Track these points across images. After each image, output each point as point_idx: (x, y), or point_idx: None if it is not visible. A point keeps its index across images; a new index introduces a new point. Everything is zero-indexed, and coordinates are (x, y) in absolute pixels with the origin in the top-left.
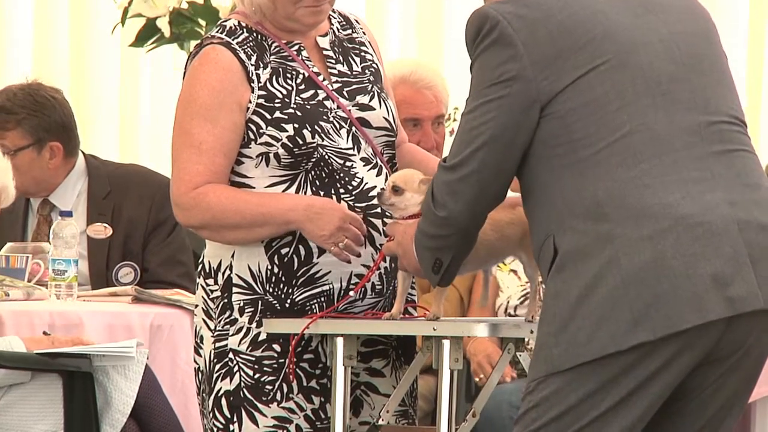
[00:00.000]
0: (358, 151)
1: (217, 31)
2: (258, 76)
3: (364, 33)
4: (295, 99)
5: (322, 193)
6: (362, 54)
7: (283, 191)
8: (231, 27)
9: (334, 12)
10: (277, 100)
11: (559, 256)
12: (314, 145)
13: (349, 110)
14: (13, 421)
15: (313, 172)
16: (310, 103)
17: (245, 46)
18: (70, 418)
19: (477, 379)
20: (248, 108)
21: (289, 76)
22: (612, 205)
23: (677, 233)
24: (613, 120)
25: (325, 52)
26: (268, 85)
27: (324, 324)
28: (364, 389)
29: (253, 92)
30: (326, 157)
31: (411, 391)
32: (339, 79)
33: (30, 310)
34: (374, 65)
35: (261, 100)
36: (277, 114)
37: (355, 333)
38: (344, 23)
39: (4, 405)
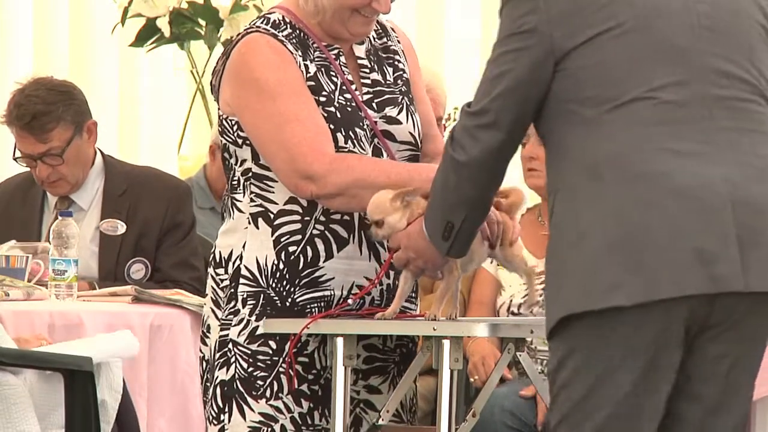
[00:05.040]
0: None
1: (261, 23)
2: (306, 66)
3: (398, 41)
4: (338, 99)
5: None
6: (395, 63)
7: None
8: (275, 20)
9: None
10: (323, 93)
11: (555, 213)
12: (345, 150)
13: (375, 122)
14: (14, 421)
15: None
16: (350, 106)
17: (290, 40)
18: (71, 418)
19: (472, 380)
20: None
21: (332, 73)
22: (608, 167)
23: (667, 204)
24: (622, 84)
25: (360, 61)
26: (317, 75)
27: (324, 324)
28: (363, 407)
29: (304, 78)
30: None
31: (407, 397)
32: (371, 90)
33: (30, 310)
34: (405, 75)
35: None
36: (319, 109)
37: (355, 333)
38: (380, 31)
39: (5, 404)
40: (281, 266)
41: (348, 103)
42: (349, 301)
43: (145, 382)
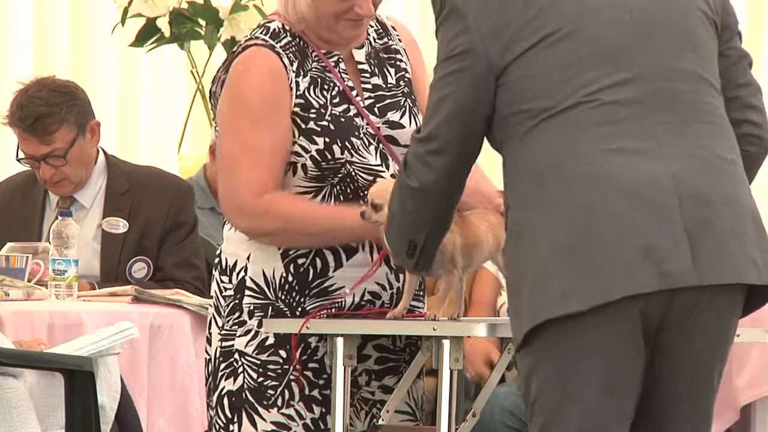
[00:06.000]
0: (387, 168)
1: (261, 32)
2: (297, 84)
3: (399, 39)
4: (331, 111)
5: None
6: (397, 64)
7: None
8: (275, 29)
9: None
10: (312, 110)
11: (509, 225)
12: (342, 161)
13: (378, 128)
14: (15, 424)
15: (338, 187)
16: (344, 116)
17: (288, 51)
18: (71, 418)
19: (468, 375)
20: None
21: (326, 87)
22: (551, 173)
23: (612, 203)
24: (559, 92)
25: (360, 66)
26: (306, 93)
27: (324, 324)
28: (380, 407)
29: (292, 99)
30: (353, 173)
31: (418, 394)
32: (372, 94)
33: (30, 310)
34: (407, 75)
35: (297, 108)
36: (311, 125)
37: (354, 333)
38: (380, 31)
39: (5, 408)
40: (290, 278)
41: (342, 114)
42: (347, 290)
43: (145, 382)
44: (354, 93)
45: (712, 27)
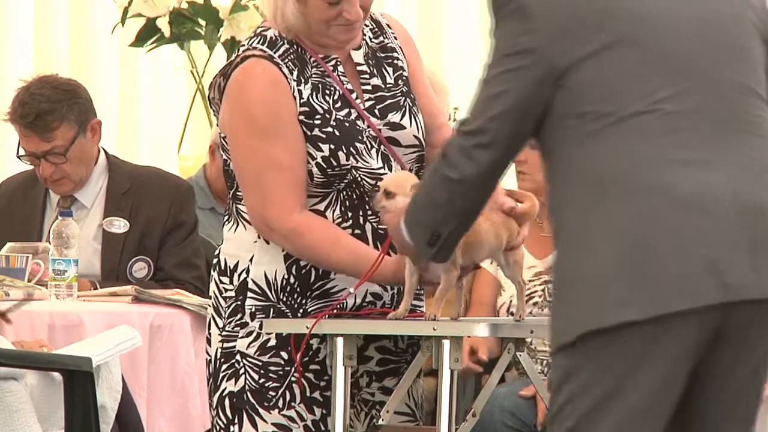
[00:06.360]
0: (389, 170)
1: (258, 42)
2: (300, 92)
3: (395, 37)
4: (335, 116)
5: (350, 213)
6: (394, 62)
7: (312, 207)
8: (271, 38)
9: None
10: (317, 116)
11: (559, 229)
12: (348, 167)
13: (380, 129)
14: (17, 428)
15: (344, 193)
16: (347, 121)
17: (286, 60)
18: (71, 418)
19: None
20: None
21: (327, 92)
22: (611, 181)
23: (673, 215)
24: (623, 97)
25: (359, 67)
26: (310, 99)
27: (324, 324)
28: (379, 409)
29: (297, 107)
30: (359, 178)
31: (418, 394)
32: (372, 96)
33: (30, 310)
34: (405, 73)
35: (302, 117)
36: (316, 131)
37: (355, 333)
38: (376, 30)
39: (7, 412)
40: (292, 280)
41: (345, 118)
42: (351, 289)
43: (145, 382)
44: (354, 96)
45: (761, 40)
